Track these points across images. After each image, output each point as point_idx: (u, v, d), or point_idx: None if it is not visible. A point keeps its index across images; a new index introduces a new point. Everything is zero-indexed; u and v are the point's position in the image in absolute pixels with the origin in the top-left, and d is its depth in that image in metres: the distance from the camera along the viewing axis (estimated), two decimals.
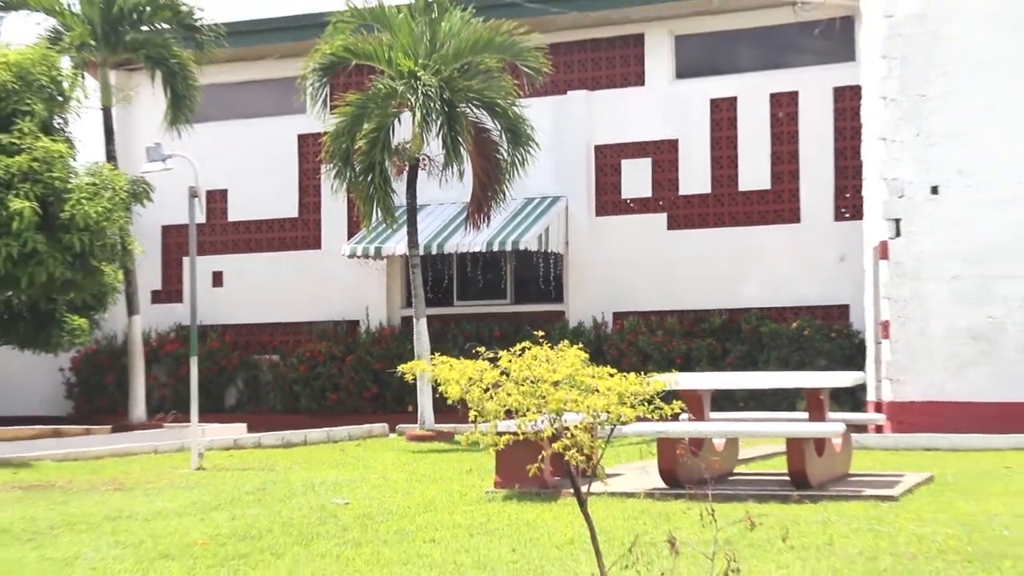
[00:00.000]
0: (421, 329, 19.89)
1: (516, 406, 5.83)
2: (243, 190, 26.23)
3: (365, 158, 19.49)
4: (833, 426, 11.73)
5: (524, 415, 5.84)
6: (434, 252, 23.08)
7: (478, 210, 20.41)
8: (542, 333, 6.58)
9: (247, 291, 26.05)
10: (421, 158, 20.11)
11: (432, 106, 18.96)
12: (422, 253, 21.41)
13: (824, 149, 22.55)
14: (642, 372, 6.19)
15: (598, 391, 5.87)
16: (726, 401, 19.29)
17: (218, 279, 26.27)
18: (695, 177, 23.33)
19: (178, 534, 9.81)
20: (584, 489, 6.05)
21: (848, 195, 22.07)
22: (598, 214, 23.91)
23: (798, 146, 22.77)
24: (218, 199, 26.19)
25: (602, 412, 5.86)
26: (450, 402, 6.14)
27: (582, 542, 8.24)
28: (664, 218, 23.52)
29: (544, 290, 24.20)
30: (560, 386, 5.85)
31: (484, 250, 22.87)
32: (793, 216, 22.76)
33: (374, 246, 23.48)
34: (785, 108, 22.92)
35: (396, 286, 25.12)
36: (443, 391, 6.14)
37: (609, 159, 23.97)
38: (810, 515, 9.85)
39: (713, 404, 12.89)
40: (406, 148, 19.90)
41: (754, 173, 23.01)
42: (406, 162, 20.05)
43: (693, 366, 21.60)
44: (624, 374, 6.10)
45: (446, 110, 19.17)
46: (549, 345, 6.16)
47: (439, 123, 19.25)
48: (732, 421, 13.33)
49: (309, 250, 25.86)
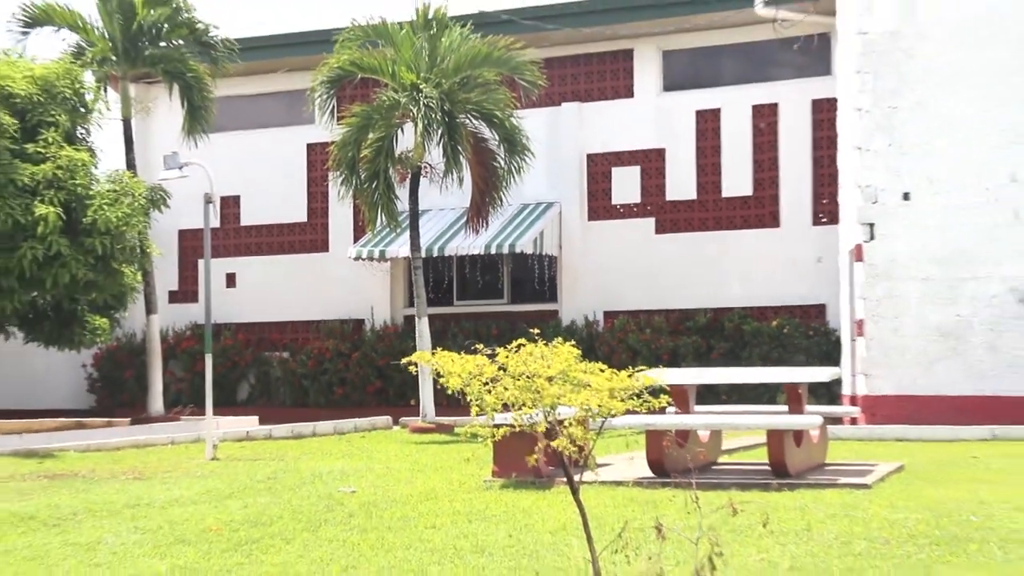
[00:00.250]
0: (423, 327, 19.88)
1: (513, 400, 5.83)
2: (255, 196, 26.21)
3: (370, 166, 19.48)
4: (811, 418, 11.74)
5: (520, 408, 5.84)
6: (435, 254, 23.07)
7: (477, 215, 20.40)
8: (537, 331, 6.59)
9: (259, 291, 26.03)
10: (423, 166, 20.10)
11: (433, 117, 18.96)
12: (424, 255, 21.40)
13: (802, 158, 22.56)
14: (631, 368, 6.19)
15: (590, 386, 5.87)
16: (710, 395, 19.29)
17: (231, 280, 26.24)
18: (681, 184, 23.33)
19: (194, 520, 9.82)
20: (576, 478, 6.05)
21: (825, 201, 22.08)
22: (590, 219, 23.91)
23: (778, 155, 22.77)
24: (231, 205, 26.16)
25: (594, 406, 5.86)
26: (451, 392, 6.14)
27: (574, 528, 8.25)
28: (652, 223, 23.51)
29: (539, 290, 24.19)
30: (554, 381, 5.86)
31: (482, 253, 22.85)
32: (773, 221, 22.76)
33: (378, 249, 23.48)
34: (766, 119, 22.92)
35: (399, 287, 25.11)
36: (445, 382, 6.14)
37: (600, 167, 23.96)
38: (789, 502, 9.87)
39: (698, 398, 12.88)
40: (409, 156, 19.89)
41: (737, 180, 23.01)
42: (409, 170, 20.05)
43: (679, 362, 21.60)
44: (614, 370, 6.10)
45: (446, 121, 19.18)
46: (544, 342, 6.17)
47: (440, 133, 19.25)
48: (716, 414, 13.33)
49: (317, 253, 25.83)
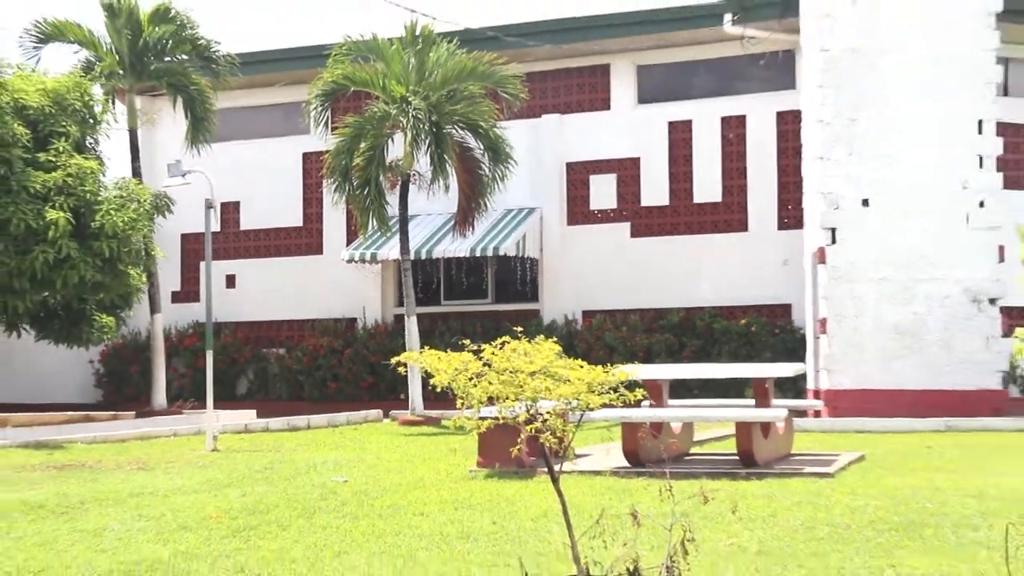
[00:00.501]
0: (412, 326, 19.86)
1: (497, 394, 5.81)
2: (254, 202, 26.14)
3: (362, 173, 19.45)
4: (777, 411, 11.76)
5: (504, 402, 5.83)
6: (423, 257, 23.04)
7: (463, 220, 20.39)
8: (520, 329, 6.56)
9: (257, 292, 25.97)
10: (412, 173, 20.08)
11: (421, 127, 18.98)
12: (413, 258, 21.38)
13: (768, 166, 22.61)
14: (608, 364, 6.18)
15: (569, 381, 5.85)
16: (683, 389, 19.32)
17: (231, 281, 26.17)
18: (655, 190, 23.35)
19: (195, 508, 9.78)
20: (556, 468, 6.04)
21: (790, 207, 22.12)
22: (569, 223, 23.90)
23: (746, 163, 22.81)
24: (231, 210, 26.09)
25: (573, 399, 5.84)
26: (439, 389, 6.12)
27: (555, 515, 8.24)
28: (628, 227, 23.52)
29: (521, 291, 24.19)
30: (536, 376, 5.84)
31: (468, 255, 22.83)
32: (741, 225, 22.80)
33: (370, 252, 23.44)
34: (734, 130, 22.96)
35: (390, 287, 25.06)
36: (433, 380, 6.12)
37: (579, 175, 23.96)
38: (756, 490, 9.88)
39: (671, 392, 12.90)
40: (398, 165, 19.87)
41: (707, 187, 23.04)
42: (398, 177, 20.03)
43: (653, 358, 21.61)
44: (592, 366, 6.10)
45: (434, 131, 19.19)
46: (526, 340, 6.16)
47: (428, 143, 19.27)
48: (688, 407, 13.33)
49: (312, 255, 25.76)
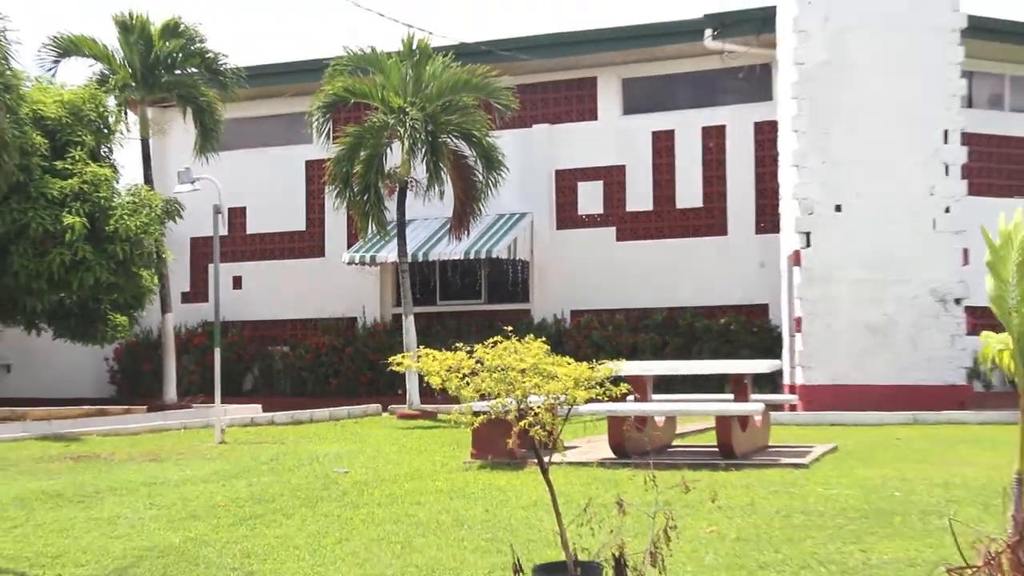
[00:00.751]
0: (409, 325, 19.83)
1: (489, 390, 5.80)
2: (259, 207, 26.11)
3: (362, 180, 19.44)
4: (754, 406, 11.77)
5: (496, 398, 5.82)
6: (420, 259, 23.02)
7: (458, 224, 20.39)
8: (511, 328, 6.55)
9: (262, 293, 25.93)
10: (409, 180, 20.07)
11: (418, 137, 18.96)
12: (410, 260, 21.36)
13: (746, 173, 22.63)
14: (594, 361, 6.17)
15: (558, 377, 5.84)
16: (666, 385, 19.28)
17: (238, 282, 26.13)
18: (639, 197, 23.36)
19: (204, 498, 9.76)
20: (546, 459, 6.03)
21: (767, 212, 22.15)
22: (558, 228, 23.90)
23: (725, 171, 22.84)
24: (238, 215, 26.06)
25: (561, 394, 5.84)
26: (435, 390, 6.11)
27: (544, 504, 8.24)
28: (614, 231, 23.53)
29: (513, 292, 24.19)
30: (526, 373, 5.82)
31: (463, 258, 22.82)
32: (721, 230, 22.82)
33: (369, 254, 23.41)
34: (714, 139, 22.98)
35: (388, 288, 25.04)
36: (427, 380, 6.11)
37: (567, 181, 23.96)
38: (735, 480, 9.89)
39: (655, 387, 12.91)
40: (396, 172, 19.86)
41: (689, 193, 23.06)
42: (396, 183, 20.01)
43: (638, 356, 21.60)
44: (579, 363, 6.09)
45: (430, 140, 19.19)
46: (517, 338, 6.15)
47: (424, 151, 19.26)
48: (671, 402, 13.36)
49: (314, 258, 25.74)
